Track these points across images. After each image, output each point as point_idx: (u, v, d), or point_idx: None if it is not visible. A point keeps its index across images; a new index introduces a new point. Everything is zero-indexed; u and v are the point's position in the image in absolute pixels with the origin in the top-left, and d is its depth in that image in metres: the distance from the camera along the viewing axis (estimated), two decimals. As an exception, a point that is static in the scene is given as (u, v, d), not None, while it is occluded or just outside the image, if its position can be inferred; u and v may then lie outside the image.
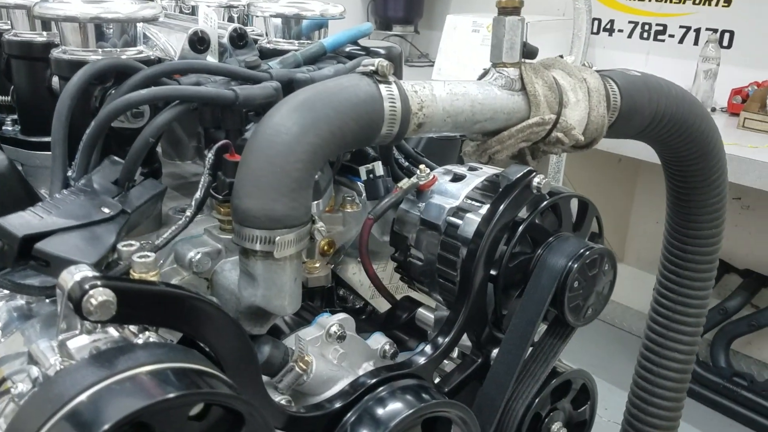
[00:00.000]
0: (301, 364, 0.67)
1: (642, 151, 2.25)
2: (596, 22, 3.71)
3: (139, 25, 0.71)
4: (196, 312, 0.51)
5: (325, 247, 0.89)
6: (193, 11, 0.99)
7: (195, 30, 0.74)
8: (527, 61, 0.76)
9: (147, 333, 0.49)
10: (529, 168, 0.75)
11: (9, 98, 0.89)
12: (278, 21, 0.87)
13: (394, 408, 0.64)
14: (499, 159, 0.78)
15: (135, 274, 0.55)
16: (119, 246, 0.57)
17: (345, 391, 0.66)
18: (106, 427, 0.40)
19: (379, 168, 0.85)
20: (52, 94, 0.81)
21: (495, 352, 0.77)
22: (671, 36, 3.45)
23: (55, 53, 0.71)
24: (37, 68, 0.81)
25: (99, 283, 0.45)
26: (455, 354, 0.82)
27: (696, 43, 3.31)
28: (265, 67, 0.76)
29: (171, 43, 0.79)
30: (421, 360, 0.71)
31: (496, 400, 0.73)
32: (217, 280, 0.69)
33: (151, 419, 0.41)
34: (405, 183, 0.83)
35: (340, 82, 0.65)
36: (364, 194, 0.90)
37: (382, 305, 0.94)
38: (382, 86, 0.65)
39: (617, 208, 3.38)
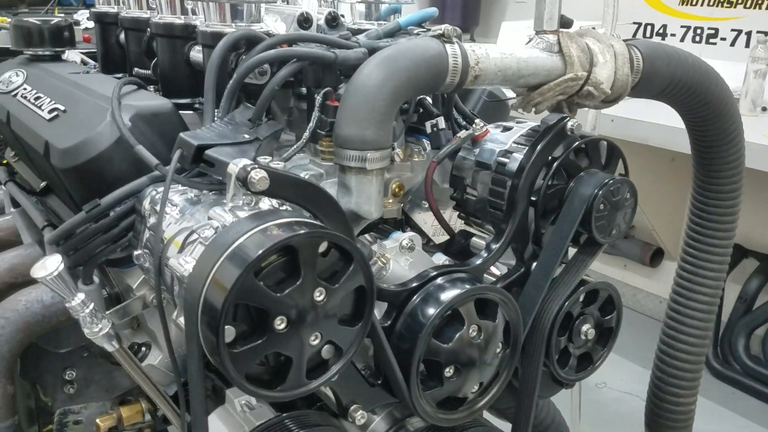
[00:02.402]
0: (382, 259, 0.88)
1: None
2: (649, 27, 3.83)
3: (262, 8, 0.94)
4: (317, 195, 0.72)
5: (397, 189, 1.09)
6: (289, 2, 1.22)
7: (302, 12, 0.97)
8: (563, 30, 0.95)
9: (285, 206, 0.71)
10: (564, 114, 0.94)
11: (150, 71, 1.13)
12: (362, 7, 1.09)
13: (450, 290, 0.83)
14: (540, 110, 0.97)
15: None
16: (258, 158, 0.79)
17: (414, 279, 0.86)
18: (268, 244, 0.61)
19: (441, 122, 1.05)
20: (189, 65, 1.06)
21: (535, 264, 0.96)
22: (723, 39, 3.52)
23: (201, 27, 0.94)
24: (177, 44, 1.05)
25: (256, 166, 0.68)
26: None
27: (747, 45, 3.39)
28: (354, 39, 0.98)
29: (277, 28, 1.02)
30: (477, 262, 0.91)
31: (534, 299, 0.92)
32: (320, 196, 0.91)
33: (297, 244, 0.63)
34: (463, 133, 1.03)
35: (416, 42, 0.86)
36: (428, 149, 1.10)
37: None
38: (447, 45, 0.86)
39: (672, 207, 3.46)
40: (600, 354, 1.01)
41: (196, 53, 1.03)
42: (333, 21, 1.03)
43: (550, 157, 0.94)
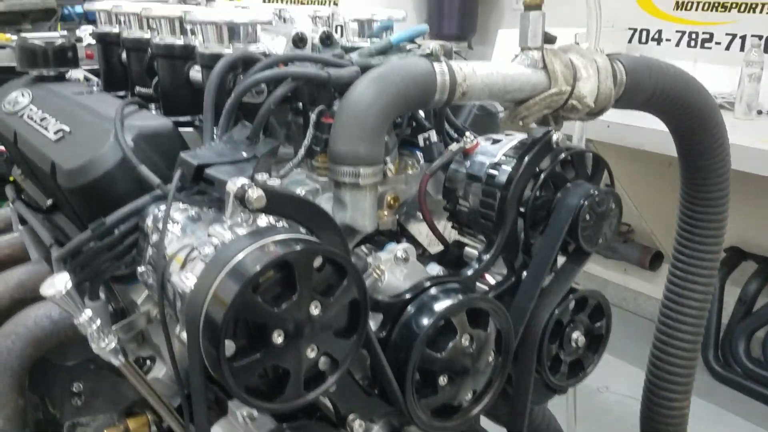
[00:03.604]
0: (377, 270, 0.91)
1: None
2: (644, 33, 3.86)
3: (258, 28, 0.98)
4: (312, 210, 0.76)
5: (392, 201, 1.12)
6: (285, 21, 1.26)
7: (297, 32, 1.00)
8: (547, 46, 0.98)
9: (281, 222, 0.74)
10: (549, 128, 0.97)
11: (152, 90, 1.17)
12: (355, 25, 1.13)
13: (443, 300, 0.87)
14: (527, 124, 1.00)
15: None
16: (255, 175, 0.83)
17: (407, 290, 0.89)
18: (265, 261, 0.64)
19: (433, 135, 1.09)
20: (189, 84, 1.09)
21: (525, 273, 0.99)
22: (718, 43, 3.55)
23: (200, 48, 0.98)
24: (177, 64, 1.09)
25: (253, 185, 0.71)
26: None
27: (742, 49, 3.41)
28: (347, 57, 1.01)
29: (274, 46, 1.05)
30: (468, 272, 0.94)
31: (525, 307, 0.95)
32: (316, 211, 0.94)
33: (292, 259, 0.66)
34: (454, 146, 1.06)
35: (405, 61, 0.90)
36: (422, 161, 1.13)
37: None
38: (435, 64, 0.89)
39: (670, 210, 3.47)
40: (591, 360, 1.04)
41: (196, 73, 1.06)
42: (327, 39, 1.07)
43: (537, 169, 0.97)
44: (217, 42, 0.96)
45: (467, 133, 1.08)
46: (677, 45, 3.73)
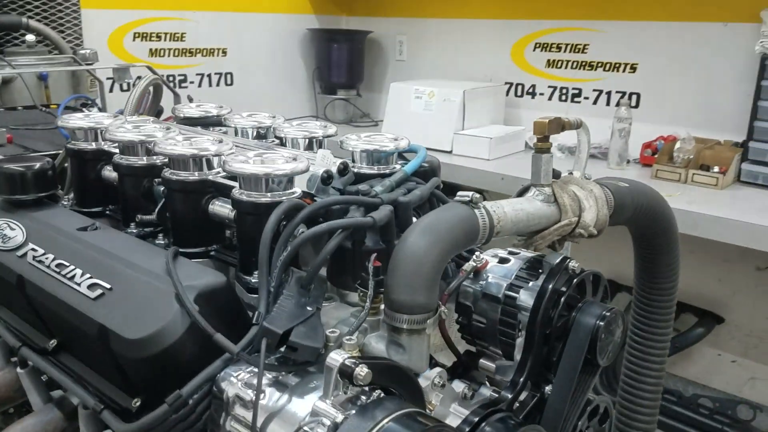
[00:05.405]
0: (429, 407, 0.96)
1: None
2: (520, 87, 4.21)
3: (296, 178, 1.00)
4: (402, 376, 0.79)
5: (405, 318, 1.17)
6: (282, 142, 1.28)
7: (325, 170, 1.04)
8: (555, 180, 1.10)
9: (376, 390, 0.78)
10: (564, 255, 1.08)
11: (154, 217, 1.13)
12: (364, 154, 1.18)
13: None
14: (539, 249, 1.11)
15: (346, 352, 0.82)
16: (327, 332, 0.85)
17: (463, 424, 0.95)
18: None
19: (446, 257, 1.16)
20: (206, 217, 1.08)
21: (547, 388, 1.08)
22: (586, 98, 3.95)
23: (237, 195, 0.98)
24: (191, 198, 1.07)
25: (359, 362, 0.74)
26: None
27: (608, 103, 3.83)
28: (373, 192, 1.06)
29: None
30: (509, 396, 1.02)
31: (556, 424, 1.04)
32: (367, 351, 0.97)
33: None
34: (468, 266, 1.14)
35: (450, 210, 0.96)
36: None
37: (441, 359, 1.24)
38: (475, 210, 0.97)
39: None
40: (598, 457, 1.15)
41: (218, 208, 1.06)
42: (344, 170, 1.10)
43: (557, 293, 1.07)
44: (257, 191, 0.97)
45: (476, 253, 1.16)
46: (549, 99, 4.11)
